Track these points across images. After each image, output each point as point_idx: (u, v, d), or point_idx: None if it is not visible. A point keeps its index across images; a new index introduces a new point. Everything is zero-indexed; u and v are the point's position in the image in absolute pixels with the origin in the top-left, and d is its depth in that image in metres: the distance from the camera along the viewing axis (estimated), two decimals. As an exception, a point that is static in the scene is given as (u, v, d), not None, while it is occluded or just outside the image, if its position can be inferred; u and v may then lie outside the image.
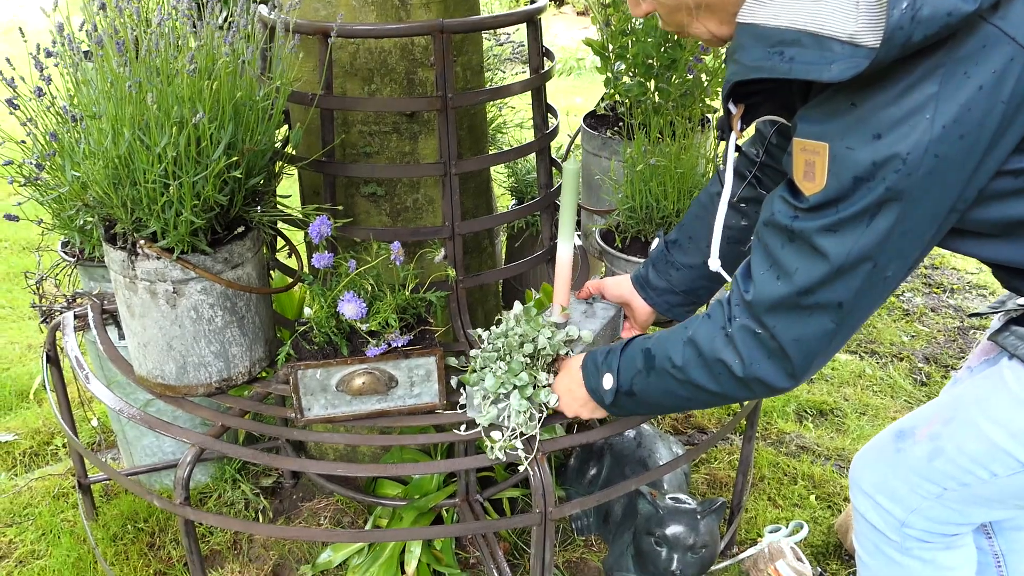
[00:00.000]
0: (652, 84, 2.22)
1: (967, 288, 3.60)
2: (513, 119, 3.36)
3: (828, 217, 1.05)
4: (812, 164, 1.05)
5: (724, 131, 1.29)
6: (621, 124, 2.28)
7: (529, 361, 1.52)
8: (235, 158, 1.40)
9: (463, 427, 1.52)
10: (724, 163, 1.31)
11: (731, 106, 1.24)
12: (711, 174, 1.98)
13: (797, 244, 1.10)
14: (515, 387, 1.48)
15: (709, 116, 2.27)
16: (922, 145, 0.97)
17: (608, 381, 1.39)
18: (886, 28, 0.92)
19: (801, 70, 1.00)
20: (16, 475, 2.42)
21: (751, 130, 1.35)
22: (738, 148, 1.33)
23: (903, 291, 3.59)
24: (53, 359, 1.97)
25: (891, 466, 1.39)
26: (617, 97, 2.35)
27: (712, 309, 1.25)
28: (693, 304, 1.68)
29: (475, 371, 1.52)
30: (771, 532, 2.05)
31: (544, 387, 1.49)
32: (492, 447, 1.47)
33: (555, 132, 2.02)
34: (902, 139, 0.97)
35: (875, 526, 1.42)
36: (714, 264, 1.40)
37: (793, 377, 1.18)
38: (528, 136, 2.32)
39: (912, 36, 0.92)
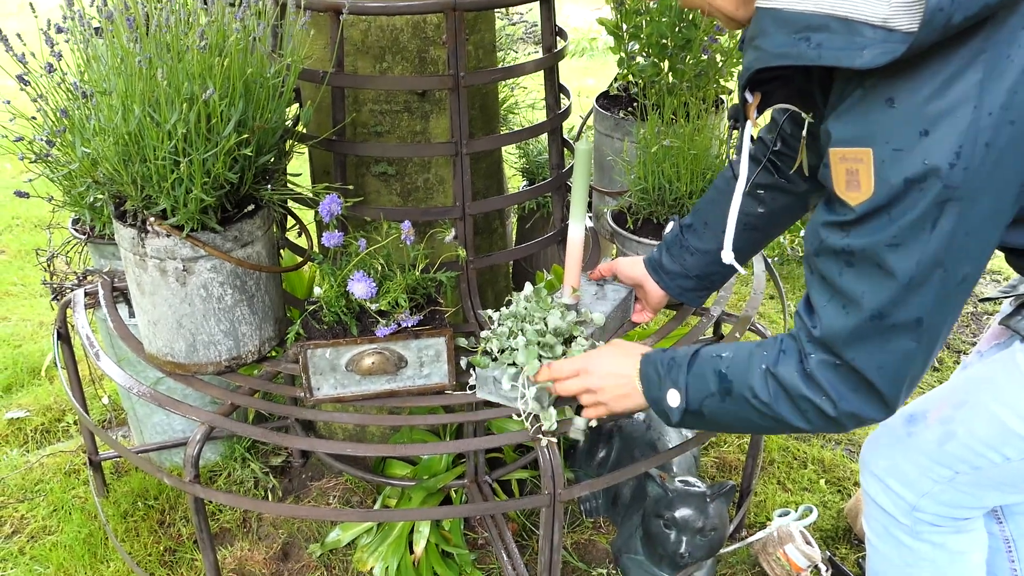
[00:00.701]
0: (666, 64, 2.20)
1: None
2: (525, 99, 3.34)
3: (884, 228, 0.99)
4: (855, 172, 0.99)
5: (738, 120, 1.24)
6: (634, 105, 2.26)
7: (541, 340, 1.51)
8: (245, 135, 1.39)
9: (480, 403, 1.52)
10: (739, 153, 1.27)
11: (747, 95, 1.18)
12: (725, 156, 1.96)
13: (859, 267, 1.03)
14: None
15: (723, 97, 2.25)
16: (973, 136, 0.92)
17: (674, 398, 1.26)
18: (926, 10, 0.88)
19: (831, 57, 0.96)
20: (28, 451, 2.44)
21: (764, 118, 1.31)
22: (752, 139, 1.29)
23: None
24: (64, 336, 1.98)
25: (902, 450, 1.38)
26: (630, 77, 2.32)
27: (785, 343, 1.15)
28: (706, 289, 1.67)
29: (486, 353, 1.52)
30: (780, 516, 2.05)
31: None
32: (543, 420, 1.44)
33: (567, 112, 2.00)
34: (952, 132, 0.92)
35: (886, 510, 1.41)
36: (727, 257, 1.38)
37: (887, 406, 1.09)
38: (540, 117, 2.31)
39: (952, 17, 0.88)
